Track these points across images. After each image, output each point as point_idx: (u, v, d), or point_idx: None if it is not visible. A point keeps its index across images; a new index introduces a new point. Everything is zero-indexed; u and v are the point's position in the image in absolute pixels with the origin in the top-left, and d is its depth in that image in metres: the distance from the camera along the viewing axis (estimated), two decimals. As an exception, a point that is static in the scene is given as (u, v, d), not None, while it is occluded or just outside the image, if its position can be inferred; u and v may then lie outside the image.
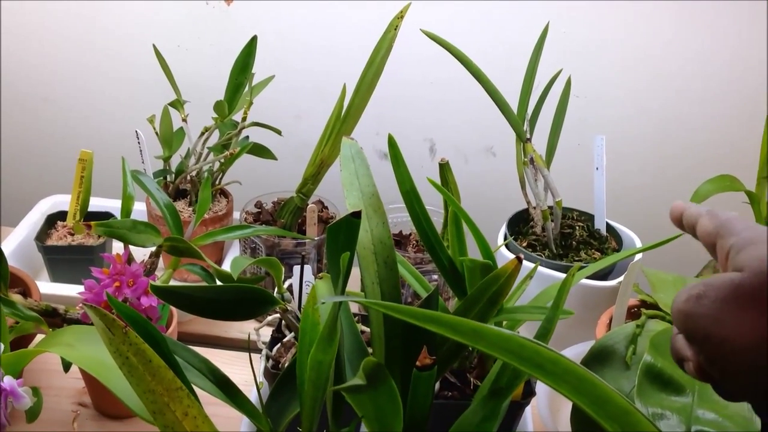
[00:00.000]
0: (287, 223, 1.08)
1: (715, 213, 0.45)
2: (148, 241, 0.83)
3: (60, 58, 1.37)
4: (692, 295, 0.39)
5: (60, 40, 1.35)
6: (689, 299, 0.39)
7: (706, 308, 0.38)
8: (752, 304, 0.37)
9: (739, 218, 0.43)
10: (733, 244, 0.41)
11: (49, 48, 1.36)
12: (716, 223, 0.44)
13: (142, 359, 0.44)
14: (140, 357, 0.44)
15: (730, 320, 0.37)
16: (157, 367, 0.44)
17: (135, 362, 0.44)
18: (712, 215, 0.45)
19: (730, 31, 1.20)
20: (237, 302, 0.71)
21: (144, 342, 0.44)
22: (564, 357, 0.43)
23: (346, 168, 0.68)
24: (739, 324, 0.37)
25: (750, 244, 0.40)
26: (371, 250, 0.64)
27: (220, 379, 0.63)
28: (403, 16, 0.93)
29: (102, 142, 1.38)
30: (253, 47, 1.06)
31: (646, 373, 0.71)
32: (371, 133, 1.35)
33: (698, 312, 0.39)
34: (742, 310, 0.37)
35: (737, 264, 0.40)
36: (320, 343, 0.54)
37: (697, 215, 0.47)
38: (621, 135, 1.30)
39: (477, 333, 0.44)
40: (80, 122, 1.42)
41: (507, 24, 1.25)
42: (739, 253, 0.40)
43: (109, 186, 1.18)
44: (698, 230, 0.46)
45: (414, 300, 0.98)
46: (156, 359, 0.44)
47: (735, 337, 0.37)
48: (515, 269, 0.59)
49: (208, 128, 1.09)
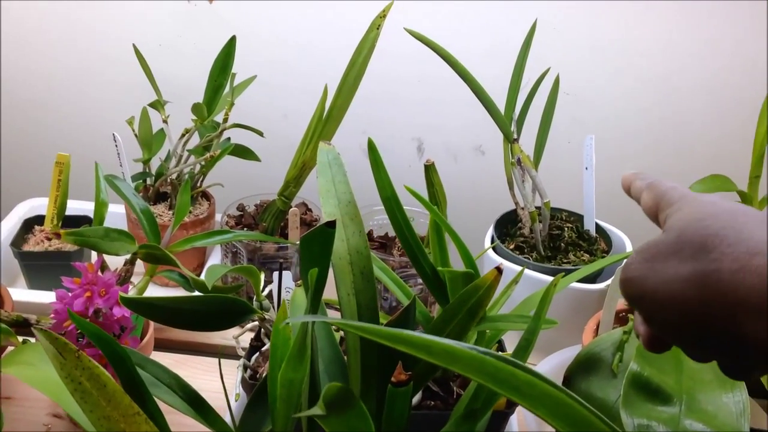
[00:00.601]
0: (269, 226, 1.06)
1: (655, 185, 0.48)
2: (122, 249, 0.80)
3: (37, 58, 1.34)
4: (625, 264, 0.43)
5: (37, 40, 1.32)
6: (624, 268, 0.43)
7: (635, 270, 0.42)
8: (672, 256, 0.40)
9: (677, 188, 0.46)
10: (668, 214, 0.44)
11: (25, 48, 1.33)
12: (655, 196, 0.47)
13: (96, 384, 0.42)
14: (94, 382, 0.42)
15: (655, 275, 0.41)
16: (112, 392, 0.42)
17: (89, 387, 0.42)
18: (652, 188, 0.48)
19: (723, 30, 1.18)
20: (212, 313, 0.69)
21: (99, 366, 0.42)
22: (540, 379, 0.41)
23: (323, 175, 0.66)
24: (663, 275, 0.40)
25: (677, 211, 0.43)
26: (347, 260, 0.62)
27: (190, 396, 0.60)
28: (385, 15, 0.90)
29: (82, 143, 1.36)
30: (232, 48, 1.03)
31: (632, 383, 0.69)
32: (358, 132, 1.32)
33: (630, 276, 0.42)
34: (664, 262, 0.40)
35: (666, 229, 0.43)
36: (290, 361, 0.52)
37: (639, 190, 0.49)
38: (612, 134, 1.28)
39: (450, 354, 0.41)
40: (59, 123, 1.40)
41: (497, 22, 1.23)
42: (668, 220, 0.43)
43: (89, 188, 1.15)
44: (642, 204, 0.49)
45: (399, 306, 0.96)
46: (111, 384, 0.42)
47: (661, 287, 0.40)
48: (495, 280, 0.57)
49: (188, 130, 1.07)
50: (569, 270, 0.91)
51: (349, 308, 0.61)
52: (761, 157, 0.96)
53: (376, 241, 1.11)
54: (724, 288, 0.36)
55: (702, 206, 0.41)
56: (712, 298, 0.37)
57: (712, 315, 0.37)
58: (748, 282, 0.35)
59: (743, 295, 0.35)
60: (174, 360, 0.98)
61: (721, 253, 0.37)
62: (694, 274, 0.38)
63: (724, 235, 0.38)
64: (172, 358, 0.99)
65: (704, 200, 0.42)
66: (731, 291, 0.36)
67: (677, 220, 0.42)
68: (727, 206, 0.41)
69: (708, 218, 0.40)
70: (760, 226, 0.38)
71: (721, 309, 0.37)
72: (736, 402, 0.69)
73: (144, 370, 0.60)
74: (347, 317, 0.61)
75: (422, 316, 0.77)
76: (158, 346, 0.94)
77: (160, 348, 0.97)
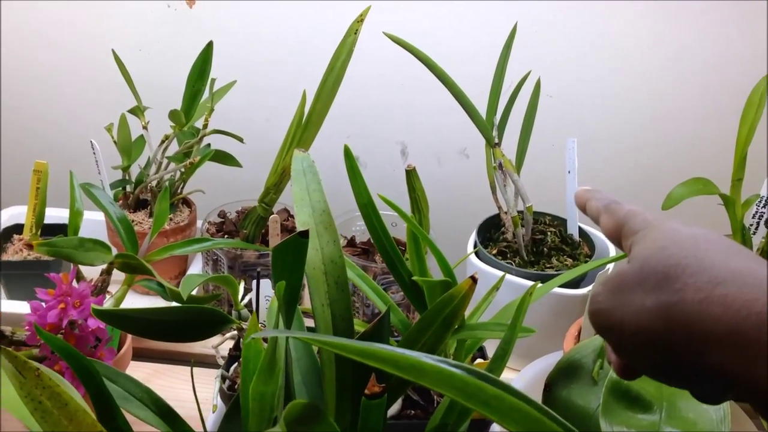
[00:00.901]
0: (250, 233, 1.05)
1: (614, 209, 0.47)
2: (97, 259, 0.79)
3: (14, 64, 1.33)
4: (593, 295, 0.43)
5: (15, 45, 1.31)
6: (591, 300, 0.43)
7: (602, 302, 0.42)
8: (637, 287, 0.39)
9: (638, 214, 0.45)
10: (632, 242, 0.43)
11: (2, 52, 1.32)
12: (616, 222, 0.46)
13: (57, 402, 0.41)
14: (55, 400, 0.41)
15: (621, 306, 0.40)
16: (74, 410, 0.41)
17: (49, 406, 0.41)
18: (610, 211, 0.47)
19: (705, 33, 1.18)
20: (188, 323, 0.68)
21: (59, 384, 0.41)
22: (510, 393, 0.40)
23: (298, 183, 0.65)
24: (630, 306, 0.40)
25: (641, 239, 0.43)
26: (321, 270, 0.61)
27: (162, 409, 0.59)
28: (362, 20, 0.90)
29: (61, 150, 1.34)
30: (209, 53, 1.02)
31: (612, 390, 0.69)
32: (342, 136, 1.32)
33: (598, 308, 0.42)
34: (630, 293, 0.40)
35: (630, 258, 0.42)
36: (261, 375, 0.51)
37: (596, 212, 0.49)
38: (597, 136, 1.28)
39: (418, 369, 0.41)
40: (38, 130, 1.38)
41: (479, 24, 1.22)
42: (632, 248, 0.43)
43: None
44: (601, 226, 0.48)
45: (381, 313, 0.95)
46: (73, 402, 0.41)
47: (629, 318, 0.40)
48: (469, 289, 0.57)
49: (168, 137, 1.06)
50: (551, 275, 0.90)
51: (324, 319, 0.60)
52: (743, 159, 0.96)
53: (358, 247, 1.10)
54: (688, 319, 0.36)
55: (664, 234, 0.41)
56: (677, 328, 0.37)
57: (678, 345, 0.37)
58: (712, 312, 0.35)
59: (708, 325, 0.35)
60: (153, 370, 0.97)
61: (684, 283, 0.37)
62: (659, 305, 0.38)
63: (686, 264, 0.38)
64: (152, 368, 0.97)
65: (667, 227, 0.42)
66: (696, 321, 0.36)
67: (641, 249, 0.41)
68: (690, 233, 0.41)
69: (670, 247, 0.40)
70: (722, 254, 0.38)
71: (687, 339, 0.36)
72: (716, 409, 0.69)
73: (115, 383, 0.59)
74: (321, 328, 0.60)
75: (401, 324, 0.77)
76: (137, 356, 0.93)
77: (140, 358, 0.96)
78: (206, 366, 0.99)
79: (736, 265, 0.37)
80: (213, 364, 0.86)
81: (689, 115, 1.24)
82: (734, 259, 0.37)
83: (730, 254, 0.38)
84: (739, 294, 0.35)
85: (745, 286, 0.35)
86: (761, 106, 0.97)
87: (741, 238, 0.96)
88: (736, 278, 0.36)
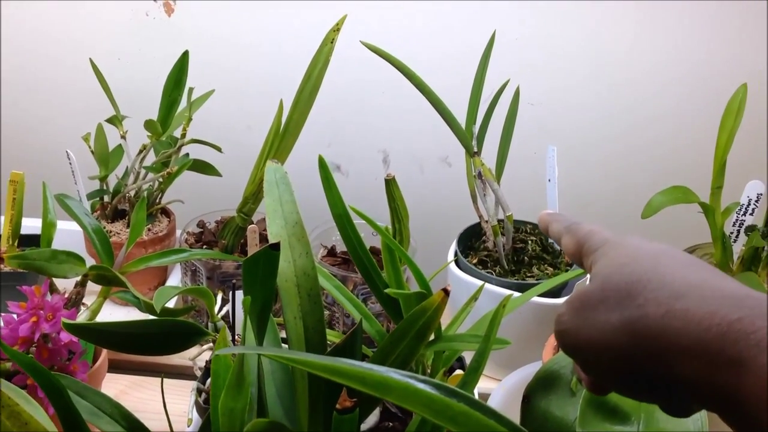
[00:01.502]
0: (229, 244, 1.04)
1: (574, 229, 0.48)
2: (71, 271, 0.78)
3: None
4: (558, 316, 0.43)
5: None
6: (557, 321, 0.43)
7: (567, 323, 0.42)
8: (600, 305, 0.40)
9: (597, 232, 0.46)
10: (593, 261, 0.44)
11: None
12: (576, 241, 0.47)
13: (17, 422, 0.40)
14: (15, 420, 0.40)
15: (586, 324, 0.41)
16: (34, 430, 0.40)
17: (8, 426, 0.40)
18: (571, 231, 0.48)
19: (686, 40, 1.18)
20: (162, 336, 0.67)
21: (18, 404, 0.40)
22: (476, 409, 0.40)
23: (270, 194, 0.64)
24: (593, 325, 0.40)
25: (601, 257, 0.43)
26: (294, 283, 0.60)
27: (133, 425, 0.59)
28: (339, 29, 0.89)
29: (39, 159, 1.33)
30: (185, 62, 1.01)
31: (589, 402, 0.68)
32: (323, 144, 1.31)
33: (563, 328, 0.42)
34: (593, 312, 0.40)
35: (591, 277, 0.43)
36: (229, 390, 0.50)
37: (558, 234, 0.50)
38: (577, 144, 1.28)
39: (384, 386, 0.40)
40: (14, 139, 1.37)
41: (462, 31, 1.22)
42: (593, 266, 0.43)
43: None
44: (563, 247, 0.49)
45: (360, 322, 0.94)
46: (33, 422, 0.40)
47: (595, 336, 0.40)
48: (442, 302, 0.56)
49: (145, 146, 1.05)
50: (532, 284, 0.90)
51: (296, 331, 0.59)
52: (722, 167, 0.96)
53: (339, 257, 1.10)
54: (652, 333, 0.37)
55: (625, 251, 0.42)
56: (642, 342, 0.37)
57: (645, 359, 0.37)
58: (674, 326, 0.36)
59: (672, 338, 0.36)
60: (131, 382, 0.96)
61: (645, 298, 0.38)
62: (622, 322, 0.38)
63: (647, 280, 0.38)
64: (129, 380, 0.96)
65: (627, 244, 0.42)
66: (660, 335, 0.36)
67: (602, 267, 0.42)
68: (651, 249, 0.41)
69: (631, 263, 0.40)
70: (682, 268, 0.38)
71: (651, 353, 0.37)
72: (694, 420, 0.68)
73: (85, 399, 0.59)
74: (294, 340, 0.60)
75: (378, 335, 0.76)
76: (114, 368, 0.92)
77: (116, 370, 0.95)
78: (185, 378, 0.98)
79: (695, 278, 0.37)
80: (191, 376, 0.85)
81: (669, 123, 1.24)
82: (693, 273, 0.38)
83: (689, 268, 0.38)
84: (699, 307, 0.35)
85: (704, 299, 0.36)
86: (740, 113, 0.97)
87: (721, 246, 0.96)
88: (695, 292, 0.36)
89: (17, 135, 1.37)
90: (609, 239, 0.44)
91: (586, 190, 1.30)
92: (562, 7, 1.18)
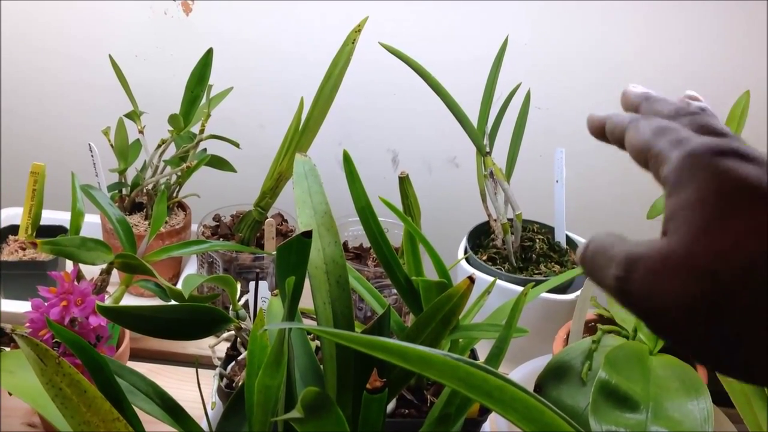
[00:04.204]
0: (245, 237, 1.06)
1: (639, 126, 0.40)
2: (98, 258, 0.81)
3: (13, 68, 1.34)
4: (617, 276, 0.35)
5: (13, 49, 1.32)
6: (616, 279, 0.35)
7: (635, 289, 0.34)
8: (682, 271, 0.32)
9: (672, 130, 0.38)
10: (666, 178, 0.35)
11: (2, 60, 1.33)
12: (643, 141, 0.39)
13: (76, 390, 0.42)
14: (75, 388, 0.42)
15: (661, 294, 0.33)
16: (92, 397, 0.43)
17: (69, 393, 0.42)
18: (636, 130, 0.40)
19: (694, 46, 1.21)
20: (188, 322, 0.70)
21: (78, 372, 0.43)
22: (511, 384, 0.43)
23: (299, 186, 0.67)
24: (671, 293, 0.33)
25: (680, 188, 0.34)
26: (323, 270, 0.63)
27: (168, 403, 0.61)
28: (360, 29, 0.92)
29: (58, 152, 1.35)
30: (209, 59, 1.04)
31: (600, 390, 0.71)
32: (334, 143, 1.34)
33: (628, 296, 0.34)
34: (671, 279, 0.33)
35: (668, 215, 0.34)
36: (267, 368, 0.53)
37: (621, 128, 0.42)
38: (583, 147, 1.30)
39: (425, 361, 0.43)
40: (35, 132, 1.40)
41: (473, 35, 1.25)
42: (669, 198, 0.34)
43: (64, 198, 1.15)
44: (627, 147, 0.41)
45: (374, 315, 0.97)
46: (92, 390, 0.43)
47: (670, 307, 0.33)
48: (467, 289, 0.59)
49: (165, 141, 1.08)
50: (540, 281, 0.93)
51: (325, 316, 0.62)
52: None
53: (351, 252, 1.12)
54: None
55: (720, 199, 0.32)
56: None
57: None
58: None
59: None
60: (148, 369, 0.98)
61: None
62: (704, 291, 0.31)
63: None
64: (147, 368, 0.98)
65: (721, 177, 0.33)
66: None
67: (684, 222, 0.33)
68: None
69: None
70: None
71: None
72: (700, 409, 0.71)
73: (121, 378, 0.61)
74: (323, 325, 0.62)
75: (396, 326, 0.79)
76: (133, 356, 0.94)
77: (135, 358, 0.97)
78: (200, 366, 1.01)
79: None
80: (206, 365, 0.87)
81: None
82: None
83: None
84: None
85: None
86: (743, 120, 1.00)
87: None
88: None
89: (38, 129, 1.39)
90: (690, 149, 0.35)
91: (592, 192, 1.33)
92: (570, 14, 1.21)
